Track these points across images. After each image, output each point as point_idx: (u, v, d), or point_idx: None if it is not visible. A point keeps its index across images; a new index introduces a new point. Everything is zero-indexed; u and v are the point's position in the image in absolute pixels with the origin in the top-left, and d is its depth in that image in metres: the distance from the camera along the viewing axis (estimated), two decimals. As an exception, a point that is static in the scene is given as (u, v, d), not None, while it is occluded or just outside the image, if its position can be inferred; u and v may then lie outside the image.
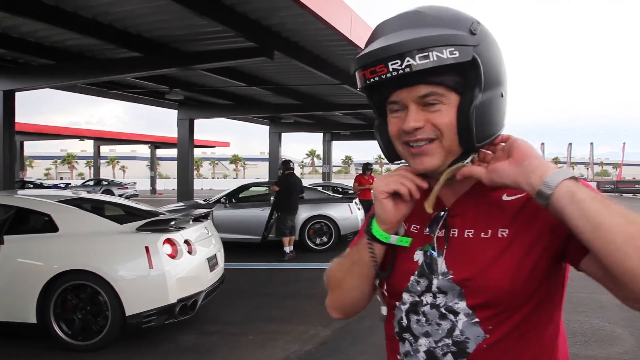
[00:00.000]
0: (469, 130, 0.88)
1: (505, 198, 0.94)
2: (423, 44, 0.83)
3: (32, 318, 4.22)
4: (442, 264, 0.95)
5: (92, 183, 30.49)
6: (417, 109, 0.89)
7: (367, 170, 11.70)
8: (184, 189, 14.15)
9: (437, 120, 0.88)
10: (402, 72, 0.84)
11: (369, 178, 11.57)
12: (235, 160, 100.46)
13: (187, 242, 4.66)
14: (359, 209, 10.09)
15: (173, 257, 4.43)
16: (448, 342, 0.93)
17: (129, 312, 4.16)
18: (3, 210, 4.68)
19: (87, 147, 52.51)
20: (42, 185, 24.39)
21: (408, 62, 0.83)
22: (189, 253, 4.63)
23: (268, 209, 9.46)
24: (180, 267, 4.46)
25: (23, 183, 21.61)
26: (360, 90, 0.93)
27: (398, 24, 0.90)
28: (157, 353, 4.26)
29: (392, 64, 0.84)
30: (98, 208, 5.27)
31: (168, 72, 9.81)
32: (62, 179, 68.57)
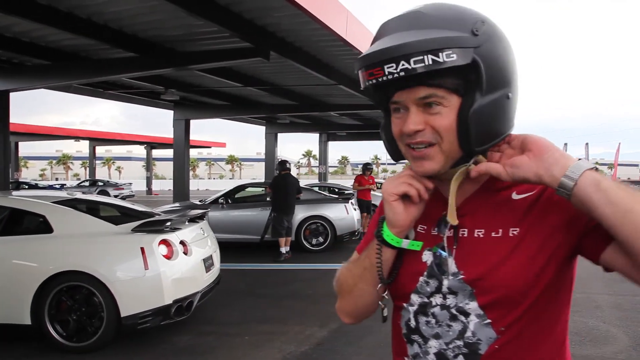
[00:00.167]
0: (468, 134, 0.87)
1: (515, 197, 0.93)
2: (418, 48, 0.82)
3: (26, 319, 4.20)
4: (452, 264, 0.94)
5: (87, 184, 30.41)
6: (417, 111, 0.88)
7: (366, 171, 11.61)
8: (180, 190, 14.12)
9: (436, 123, 0.88)
10: (397, 75, 0.83)
11: (369, 178, 11.51)
12: (232, 161, 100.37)
13: (182, 242, 4.65)
14: (355, 210, 10.09)
15: (169, 258, 4.42)
16: (459, 343, 0.92)
17: (124, 313, 4.15)
18: (-3, 211, 4.65)
19: (82, 147, 52.37)
20: (37, 186, 24.32)
21: (403, 65, 0.82)
22: (185, 254, 4.62)
23: (264, 210, 9.46)
24: (176, 267, 4.45)
25: (18, 184, 21.53)
26: (364, 90, 0.92)
27: (399, 25, 0.89)
28: (152, 354, 4.25)
29: (387, 67, 0.83)
30: (93, 209, 5.25)
31: (163, 72, 9.78)
32: (57, 180, 68.40)
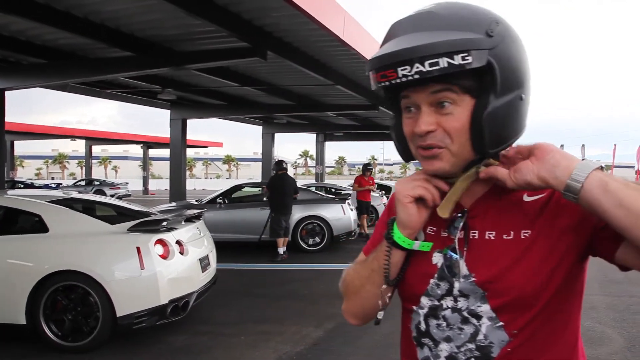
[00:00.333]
0: (482, 136, 0.85)
1: (526, 198, 0.92)
2: (433, 50, 0.80)
3: (21, 319, 4.18)
4: (463, 267, 0.93)
5: (83, 183, 30.32)
6: (429, 111, 0.87)
7: (366, 171, 11.46)
8: (177, 189, 14.10)
9: (448, 125, 0.86)
10: (411, 78, 0.82)
11: (369, 179, 11.39)
12: (228, 161, 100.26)
13: (179, 242, 4.64)
14: (352, 210, 10.09)
15: (165, 257, 4.41)
16: (471, 346, 0.91)
17: (120, 313, 4.14)
18: (-8, 210, 4.63)
19: (78, 147, 52.26)
20: (32, 185, 24.22)
21: (417, 68, 0.81)
22: (181, 254, 4.61)
23: (262, 209, 9.45)
24: (172, 267, 4.44)
25: (13, 183, 21.44)
26: (376, 90, 0.92)
27: (411, 26, 0.87)
28: (148, 354, 4.24)
29: (401, 70, 0.82)
30: (89, 208, 5.24)
31: (160, 71, 9.77)
32: (53, 179, 68.11)
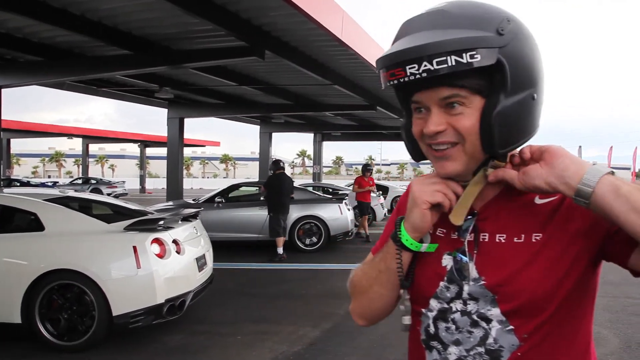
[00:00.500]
0: (491, 136, 0.84)
1: (538, 201, 0.91)
2: (441, 48, 0.79)
3: (16, 318, 4.16)
4: (472, 270, 0.92)
5: (80, 182, 30.21)
6: (439, 112, 0.86)
7: (366, 172, 11.20)
8: (174, 188, 14.06)
9: (458, 124, 0.86)
10: (419, 76, 0.81)
11: (369, 180, 11.17)
12: (226, 160, 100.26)
13: (175, 241, 4.63)
14: (349, 210, 10.08)
15: (161, 256, 4.40)
16: (480, 350, 0.90)
17: (116, 312, 4.13)
18: (-12, 209, 4.61)
19: (75, 145, 52.03)
20: (29, 184, 24.14)
21: (425, 66, 0.80)
22: (178, 253, 4.60)
23: (260, 209, 9.44)
24: (169, 266, 4.43)
25: (10, 181, 21.39)
26: (386, 88, 0.91)
27: (421, 24, 0.86)
28: (144, 353, 4.23)
29: (409, 68, 0.81)
30: (85, 207, 5.21)
31: (158, 70, 9.73)
32: (49, 177, 67.94)
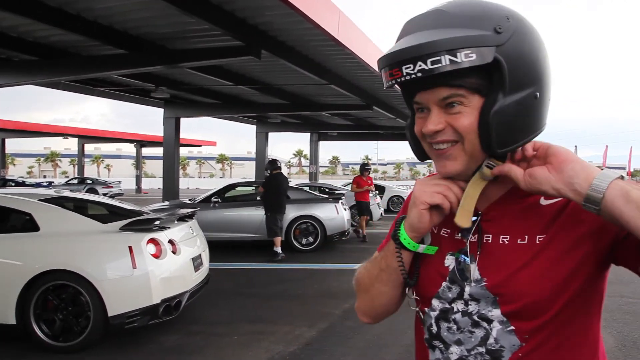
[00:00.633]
0: (489, 135, 0.84)
1: (543, 202, 0.90)
2: (435, 48, 0.80)
3: (11, 319, 4.14)
4: (475, 271, 0.91)
5: (76, 182, 30.10)
6: (438, 111, 0.87)
7: (364, 171, 11.12)
8: (170, 188, 14.02)
9: (456, 124, 0.86)
10: (414, 76, 0.82)
11: (367, 179, 11.10)
12: (222, 160, 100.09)
13: (171, 241, 4.62)
14: (345, 209, 10.08)
15: (157, 257, 4.39)
16: (481, 350, 0.90)
17: (112, 312, 4.11)
18: (-18, 209, 4.58)
19: (71, 145, 51.91)
20: (24, 184, 24.05)
21: (420, 66, 0.81)
22: (173, 253, 4.59)
23: (257, 209, 9.43)
24: (164, 267, 4.42)
25: (4, 181, 21.31)
26: (388, 88, 0.91)
27: (420, 24, 0.86)
28: (140, 354, 4.21)
29: (405, 68, 0.82)
30: (81, 207, 5.19)
31: (154, 70, 9.70)
32: (45, 177, 67.67)
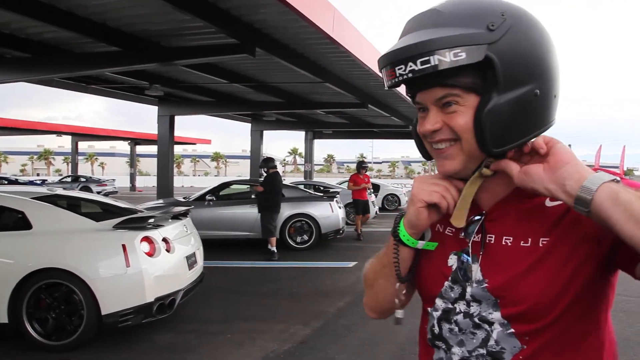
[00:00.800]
0: (484, 135, 0.84)
1: (549, 204, 0.89)
2: (423, 49, 0.80)
3: (3, 318, 4.12)
4: (477, 271, 0.91)
5: (69, 180, 29.94)
6: (436, 111, 0.87)
7: (361, 169, 11.05)
8: (164, 187, 13.97)
9: (452, 123, 0.86)
10: (406, 77, 0.83)
11: (364, 177, 11.03)
12: (217, 158, 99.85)
13: (165, 240, 4.60)
14: (340, 208, 10.08)
15: (151, 255, 4.37)
16: (482, 352, 0.90)
17: (105, 311, 4.10)
18: (-26, 207, 4.54)
19: (64, 143, 51.55)
20: (17, 182, 23.88)
21: (410, 67, 0.82)
22: (167, 251, 4.58)
23: (249, 207, 9.41)
24: (158, 265, 4.41)
25: (-3, 179, 21.13)
26: (390, 88, 0.92)
27: (417, 24, 0.87)
28: (133, 353, 4.19)
29: (398, 69, 0.83)
30: (74, 205, 5.16)
31: (148, 67, 9.65)
32: (38, 175, 67.28)
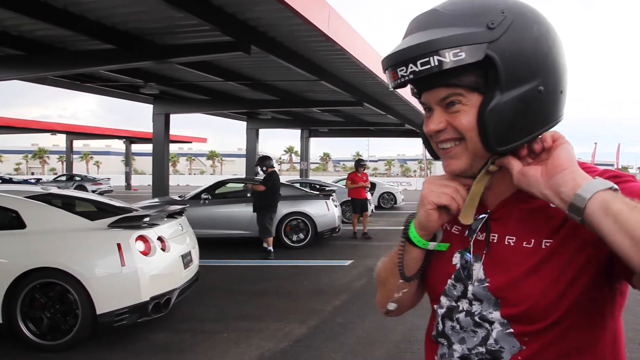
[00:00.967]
0: (487, 134, 0.83)
1: (553, 204, 0.86)
2: (422, 50, 0.81)
3: (-3, 317, 4.09)
4: (479, 270, 0.91)
5: (64, 179, 29.79)
6: (440, 111, 0.88)
7: (359, 167, 10.95)
8: (159, 185, 13.92)
9: (456, 122, 0.86)
10: (407, 78, 0.83)
11: (362, 175, 10.93)
12: (212, 156, 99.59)
13: (160, 238, 4.58)
14: (336, 206, 10.07)
15: (146, 254, 4.35)
16: (482, 350, 0.91)
17: (100, 310, 4.08)
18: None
19: (59, 141, 51.36)
20: (11, 180, 23.79)
21: (411, 68, 0.82)
22: (163, 250, 4.56)
23: (244, 205, 9.40)
24: (154, 264, 4.39)
25: (-9, 178, 21.02)
26: (394, 89, 0.92)
27: (418, 25, 0.87)
28: (129, 352, 4.18)
29: (400, 71, 0.84)
30: (68, 204, 5.13)
31: (143, 65, 9.61)
32: (33, 174, 66.92)
